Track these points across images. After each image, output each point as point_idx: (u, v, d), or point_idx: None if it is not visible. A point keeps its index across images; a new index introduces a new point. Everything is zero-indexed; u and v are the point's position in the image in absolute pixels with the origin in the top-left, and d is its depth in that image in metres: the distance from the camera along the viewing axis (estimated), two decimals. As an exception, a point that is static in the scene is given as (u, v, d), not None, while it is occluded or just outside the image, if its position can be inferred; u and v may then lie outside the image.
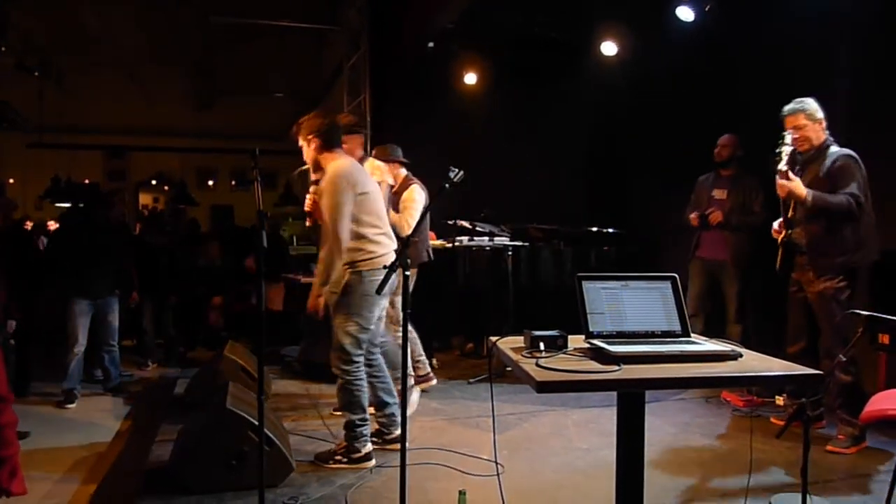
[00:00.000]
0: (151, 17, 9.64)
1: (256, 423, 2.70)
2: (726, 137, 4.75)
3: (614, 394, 2.06)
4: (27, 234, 7.50)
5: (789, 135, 3.67)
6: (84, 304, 5.11)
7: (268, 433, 2.97)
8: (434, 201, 2.77)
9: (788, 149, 3.63)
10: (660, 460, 3.48)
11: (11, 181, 13.88)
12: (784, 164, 3.61)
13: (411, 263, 2.91)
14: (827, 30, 4.40)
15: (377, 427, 3.69)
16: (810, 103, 3.73)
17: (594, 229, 6.17)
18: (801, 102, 3.74)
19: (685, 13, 5.19)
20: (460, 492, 2.67)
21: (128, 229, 6.95)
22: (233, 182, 16.35)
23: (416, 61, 6.93)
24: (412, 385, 4.41)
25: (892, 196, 3.93)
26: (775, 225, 3.88)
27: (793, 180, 3.58)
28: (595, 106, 7.08)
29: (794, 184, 3.59)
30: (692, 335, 2.20)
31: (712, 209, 4.69)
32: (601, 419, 4.17)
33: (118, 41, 10.02)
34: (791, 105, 3.75)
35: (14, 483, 2.90)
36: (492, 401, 4.41)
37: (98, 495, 3.51)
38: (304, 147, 3.48)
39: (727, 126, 4.78)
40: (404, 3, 6.81)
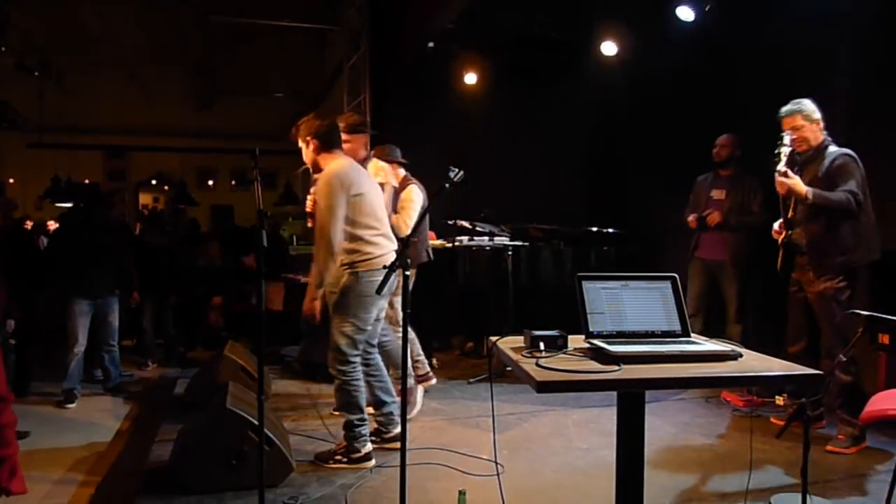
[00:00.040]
0: (151, 17, 9.64)
1: (256, 423, 2.70)
2: (725, 137, 4.76)
3: (614, 394, 2.06)
4: (27, 234, 7.50)
5: (788, 136, 3.68)
6: (84, 304, 5.11)
7: (268, 433, 2.97)
8: (434, 201, 2.77)
9: (787, 149, 3.63)
10: (660, 460, 3.48)
11: (11, 181, 13.89)
12: (783, 165, 3.61)
13: (411, 264, 2.91)
14: (827, 30, 4.40)
15: (375, 426, 3.69)
16: (807, 104, 3.73)
17: (594, 229, 6.17)
18: (798, 103, 3.74)
19: (685, 13, 5.19)
20: (460, 492, 2.67)
21: (128, 229, 6.95)
22: (233, 182, 16.36)
23: (416, 61, 6.93)
24: (415, 385, 4.40)
25: (893, 196, 3.93)
26: (776, 226, 3.88)
27: (792, 178, 3.59)
28: (595, 106, 7.08)
29: (794, 181, 3.59)
30: (692, 335, 2.20)
31: (710, 210, 4.69)
32: (601, 419, 4.17)
33: (118, 41, 10.02)
34: (788, 106, 3.76)
35: (14, 482, 2.91)
36: (492, 401, 4.41)
37: (98, 495, 3.51)
38: (303, 148, 3.48)
39: (727, 126, 4.79)
40: (404, 3, 6.81)
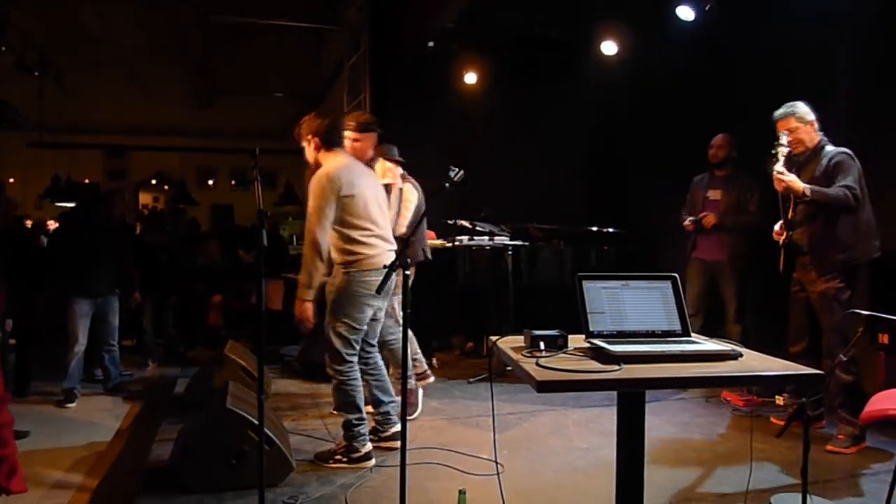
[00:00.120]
0: (151, 17, 9.64)
1: (256, 423, 2.70)
2: (721, 138, 4.74)
3: (614, 393, 2.06)
4: (27, 234, 7.49)
5: (785, 135, 3.68)
6: (84, 304, 5.11)
7: (268, 433, 2.97)
8: (434, 200, 2.76)
9: (785, 149, 3.64)
10: (660, 460, 3.47)
11: (11, 180, 13.88)
12: (780, 165, 3.62)
13: (409, 263, 2.91)
14: (827, 30, 4.40)
15: (373, 425, 3.69)
16: (800, 106, 3.75)
17: (594, 229, 6.17)
18: (792, 106, 3.76)
19: (685, 13, 5.19)
20: (460, 491, 2.67)
21: (128, 229, 6.95)
22: (233, 181, 16.36)
23: (417, 61, 6.93)
24: (415, 387, 4.40)
25: (893, 196, 3.93)
26: (776, 227, 3.88)
27: (789, 176, 3.60)
28: (595, 106, 7.08)
29: (791, 178, 3.61)
30: (692, 334, 2.20)
31: (705, 213, 4.68)
32: (601, 419, 4.17)
33: (118, 41, 10.01)
34: (781, 109, 3.78)
35: (13, 482, 2.91)
36: (492, 400, 4.41)
37: (98, 494, 3.51)
38: (306, 146, 3.48)
39: (727, 126, 4.78)
40: (404, 3, 6.80)
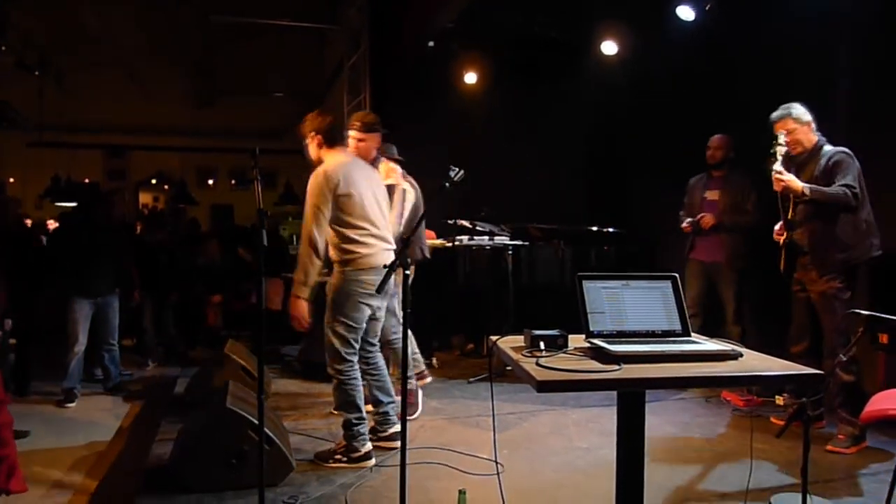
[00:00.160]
0: (151, 17, 9.63)
1: (256, 423, 2.70)
2: (718, 139, 4.73)
3: (614, 393, 2.06)
4: (28, 233, 7.48)
5: (783, 135, 3.68)
6: (84, 304, 5.11)
7: (268, 432, 2.98)
8: (434, 200, 2.76)
9: (783, 149, 3.64)
10: (660, 459, 3.47)
11: (11, 180, 13.90)
12: (779, 164, 3.62)
13: (409, 263, 2.91)
14: (827, 30, 4.40)
15: (373, 424, 3.69)
16: (797, 107, 3.75)
17: (594, 229, 6.17)
18: (788, 107, 3.77)
19: (685, 13, 5.18)
20: (460, 491, 2.67)
21: (128, 228, 6.95)
22: (233, 181, 16.37)
23: (417, 61, 6.92)
24: (416, 388, 4.39)
25: (893, 196, 3.93)
26: (776, 227, 3.88)
27: (787, 175, 3.61)
28: (595, 105, 7.08)
29: (790, 178, 3.61)
30: (692, 334, 2.20)
31: (703, 214, 4.68)
32: (601, 418, 4.17)
33: (118, 40, 10.00)
34: (778, 111, 3.79)
35: (12, 482, 2.92)
36: (492, 400, 4.41)
37: (98, 494, 3.51)
38: (308, 144, 3.50)
39: (727, 126, 4.78)
40: (404, 3, 6.80)
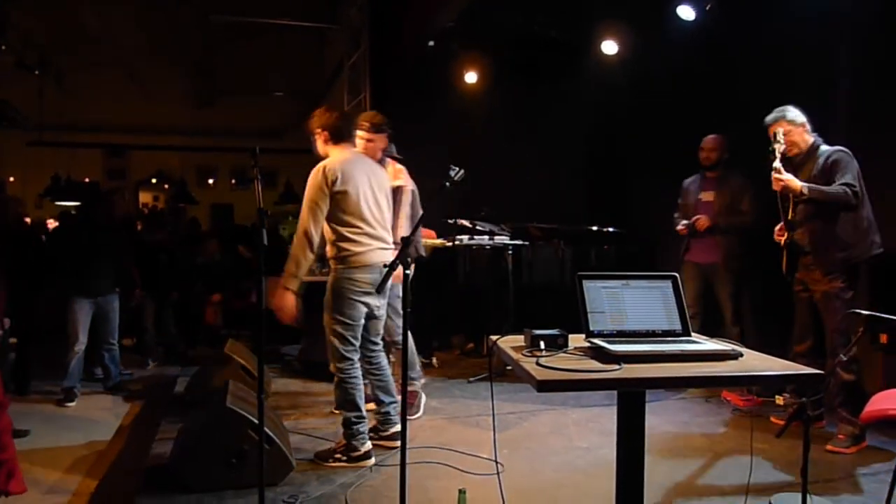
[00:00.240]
0: (151, 16, 9.63)
1: (256, 422, 2.70)
2: (712, 140, 4.72)
3: (614, 393, 2.06)
4: (28, 232, 7.46)
5: (781, 132, 3.69)
6: (84, 303, 5.11)
7: (268, 432, 2.98)
8: (434, 200, 2.77)
9: (782, 146, 3.65)
10: (660, 459, 3.48)
11: (11, 179, 13.89)
12: (778, 162, 3.62)
13: (409, 262, 2.91)
14: (827, 30, 4.40)
15: (374, 423, 3.70)
16: (790, 109, 3.77)
17: (594, 228, 6.17)
18: (781, 110, 3.78)
19: (686, 12, 5.17)
20: (460, 490, 2.67)
21: (128, 227, 6.94)
22: (233, 181, 16.36)
23: (417, 60, 6.92)
24: (419, 389, 4.38)
25: (893, 196, 3.93)
26: (777, 228, 3.87)
27: (786, 175, 3.61)
28: (595, 105, 7.07)
29: (788, 177, 3.61)
30: (693, 334, 2.20)
31: (698, 217, 4.67)
32: (601, 418, 4.17)
33: (118, 40, 10.00)
34: (772, 114, 3.80)
35: (12, 483, 2.93)
36: (492, 399, 4.41)
37: (98, 493, 3.51)
38: (315, 139, 3.52)
39: (727, 126, 4.77)
40: (405, 2, 6.80)
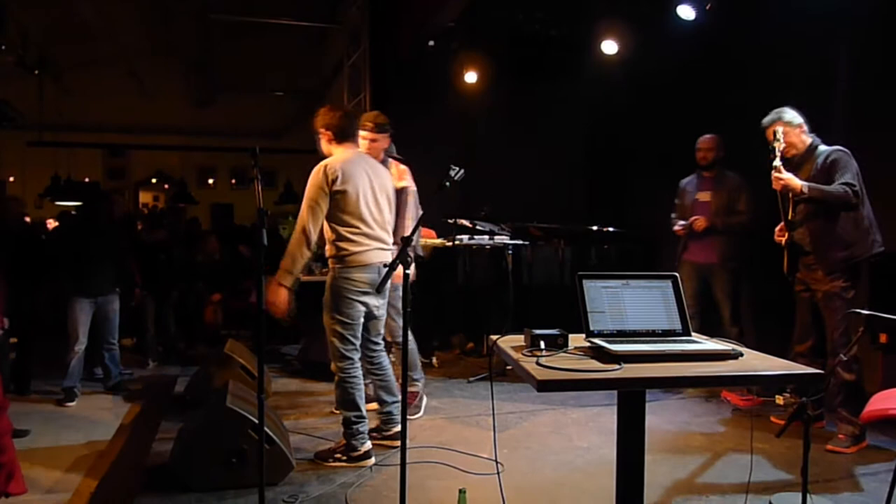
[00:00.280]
0: (151, 15, 9.62)
1: (256, 422, 2.70)
2: (709, 140, 4.72)
3: (614, 392, 2.06)
4: (29, 231, 7.44)
5: (780, 130, 3.69)
6: (85, 303, 5.10)
7: (268, 431, 2.98)
8: (434, 199, 2.76)
9: (781, 145, 3.65)
10: (660, 459, 3.48)
11: (11, 179, 13.87)
12: (778, 161, 3.62)
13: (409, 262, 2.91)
14: (827, 30, 4.40)
15: (377, 423, 3.72)
16: (787, 111, 3.78)
17: (594, 228, 6.17)
18: (778, 112, 3.79)
19: (686, 12, 5.17)
20: (460, 490, 2.67)
21: (129, 227, 6.94)
22: (233, 180, 16.35)
23: (417, 59, 6.93)
24: (421, 390, 4.39)
25: (893, 196, 3.93)
26: (777, 229, 3.87)
27: (786, 174, 3.61)
28: (595, 104, 7.08)
29: (789, 176, 3.61)
30: (693, 334, 2.20)
31: (695, 218, 4.67)
32: (601, 418, 4.17)
33: (118, 39, 9.99)
34: (768, 116, 3.81)
35: (11, 485, 2.93)
36: (492, 399, 4.41)
37: (98, 493, 3.50)
38: (319, 138, 3.53)
39: (727, 126, 4.78)
40: (405, 2, 6.80)
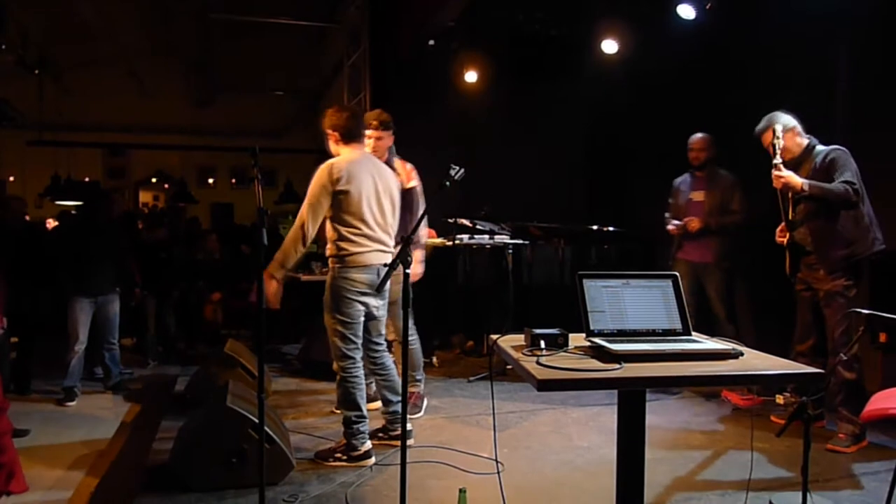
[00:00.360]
0: (151, 15, 9.62)
1: (257, 421, 2.70)
2: (700, 140, 4.72)
3: (615, 392, 2.06)
4: (30, 231, 7.43)
5: (780, 128, 3.68)
6: (85, 302, 5.11)
7: (268, 431, 2.98)
8: (434, 199, 2.76)
9: (781, 143, 3.64)
10: (660, 458, 3.48)
11: (11, 179, 13.87)
12: (778, 158, 3.62)
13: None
14: (826, 30, 4.40)
15: (383, 423, 3.73)
16: (779, 116, 3.77)
17: (594, 227, 6.17)
18: (770, 117, 3.78)
19: (686, 11, 5.17)
20: (461, 490, 2.67)
21: (129, 227, 6.94)
22: (233, 180, 16.35)
23: (417, 59, 6.92)
24: (423, 391, 4.39)
25: (893, 196, 3.93)
26: (778, 229, 3.87)
27: (786, 172, 3.61)
28: (595, 104, 7.08)
29: (789, 174, 3.61)
30: (693, 333, 2.20)
31: (689, 218, 4.67)
32: (601, 417, 4.17)
33: (118, 39, 9.99)
34: (762, 123, 3.80)
35: (12, 484, 2.94)
36: (492, 399, 4.41)
37: (99, 492, 3.50)
38: (328, 138, 3.56)
39: (727, 125, 4.77)
40: (404, 2, 6.80)
